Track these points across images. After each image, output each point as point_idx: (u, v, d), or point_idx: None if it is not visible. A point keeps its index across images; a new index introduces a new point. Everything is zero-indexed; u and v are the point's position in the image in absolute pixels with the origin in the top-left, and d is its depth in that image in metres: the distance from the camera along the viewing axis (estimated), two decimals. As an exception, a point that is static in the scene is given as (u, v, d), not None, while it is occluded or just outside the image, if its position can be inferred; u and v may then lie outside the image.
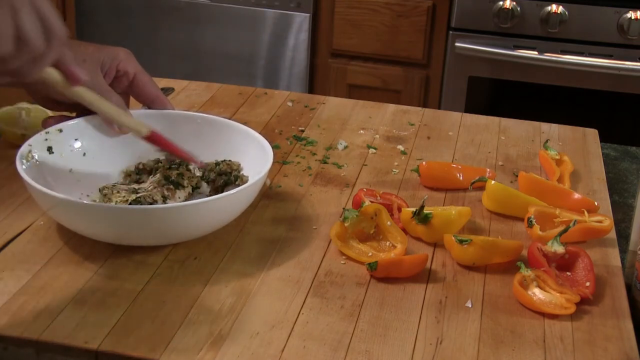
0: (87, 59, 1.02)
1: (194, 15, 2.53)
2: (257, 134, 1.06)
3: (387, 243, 0.99)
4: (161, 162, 1.07)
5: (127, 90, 1.08)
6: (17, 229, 0.98)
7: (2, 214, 1.00)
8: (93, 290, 0.88)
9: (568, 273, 0.95)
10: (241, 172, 1.05)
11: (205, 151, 1.08)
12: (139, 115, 1.07)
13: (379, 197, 1.07)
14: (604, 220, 1.03)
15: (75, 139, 1.05)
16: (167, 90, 1.40)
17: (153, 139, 1.03)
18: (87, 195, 1.02)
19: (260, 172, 0.98)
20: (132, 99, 1.12)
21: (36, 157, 1.00)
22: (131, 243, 0.94)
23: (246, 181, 1.03)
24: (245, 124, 1.09)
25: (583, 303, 0.90)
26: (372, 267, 0.92)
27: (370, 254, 0.97)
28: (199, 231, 0.96)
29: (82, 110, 1.06)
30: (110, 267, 0.92)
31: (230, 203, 0.95)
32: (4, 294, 0.87)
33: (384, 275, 0.93)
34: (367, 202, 1.04)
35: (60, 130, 1.04)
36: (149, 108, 1.10)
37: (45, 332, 0.82)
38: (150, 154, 1.08)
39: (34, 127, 1.10)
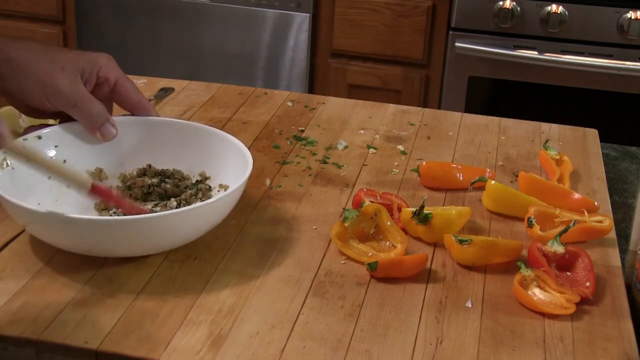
0: (66, 67, 1.00)
1: (194, 15, 2.53)
2: (237, 141, 1.04)
3: (387, 243, 0.99)
4: (146, 174, 1.07)
5: (109, 97, 1.06)
6: (17, 229, 0.98)
7: (2, 214, 1.00)
8: (93, 290, 0.88)
9: (568, 273, 0.95)
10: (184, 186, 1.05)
11: (186, 158, 1.07)
12: (120, 121, 1.06)
13: (379, 197, 1.07)
14: (604, 220, 1.03)
15: (55, 146, 1.03)
16: (167, 90, 1.40)
17: (95, 192, 0.97)
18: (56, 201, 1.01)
19: (240, 180, 0.96)
20: (115, 106, 1.11)
21: (11, 165, 0.97)
22: (100, 254, 0.92)
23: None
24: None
25: (583, 303, 0.90)
26: (372, 267, 0.92)
27: (370, 254, 0.97)
28: (174, 241, 0.94)
29: (65, 118, 1.05)
30: (110, 267, 0.92)
31: (207, 212, 0.93)
32: (4, 294, 0.87)
33: (384, 275, 0.93)
34: (367, 202, 1.04)
35: (39, 137, 1.02)
36: (132, 114, 1.08)
37: (45, 332, 0.82)
38: (132, 161, 1.07)
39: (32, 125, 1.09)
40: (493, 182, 1.08)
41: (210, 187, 1.05)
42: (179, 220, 0.90)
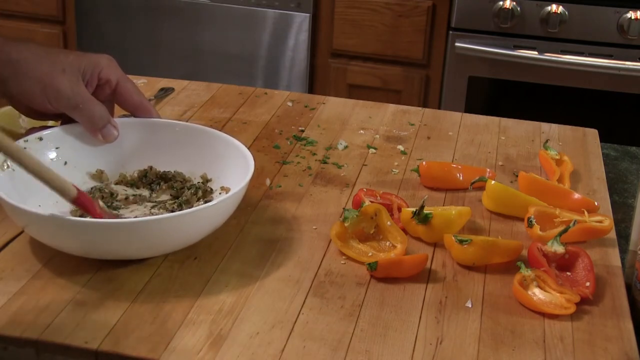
0: (67, 68, 1.00)
1: (194, 15, 2.53)
2: (239, 144, 1.04)
3: (387, 243, 0.99)
4: (147, 176, 1.07)
5: (110, 98, 1.06)
6: (17, 228, 0.98)
7: (2, 214, 0.99)
8: (93, 290, 0.88)
9: (568, 273, 0.96)
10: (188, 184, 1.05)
11: (187, 160, 1.07)
12: (122, 123, 1.06)
13: (379, 197, 1.07)
14: (604, 220, 1.03)
15: (56, 147, 1.03)
16: (167, 90, 1.40)
17: (79, 202, 0.93)
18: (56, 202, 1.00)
19: (241, 182, 0.95)
20: (117, 107, 1.10)
21: (12, 167, 0.96)
22: (100, 257, 0.92)
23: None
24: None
25: (583, 303, 0.90)
26: (372, 267, 0.92)
27: (370, 254, 0.97)
28: (174, 244, 0.93)
29: (66, 120, 1.05)
30: (110, 267, 0.92)
31: (210, 214, 0.93)
32: (4, 294, 0.87)
33: (384, 275, 0.93)
34: (367, 202, 1.04)
35: (40, 139, 1.02)
36: (133, 115, 1.08)
37: (45, 332, 0.82)
38: (133, 163, 1.07)
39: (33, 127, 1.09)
40: (493, 182, 1.08)
41: (211, 189, 1.05)
42: (179, 223, 0.90)
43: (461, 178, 1.14)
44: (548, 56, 2.30)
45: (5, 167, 0.97)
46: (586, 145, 1.30)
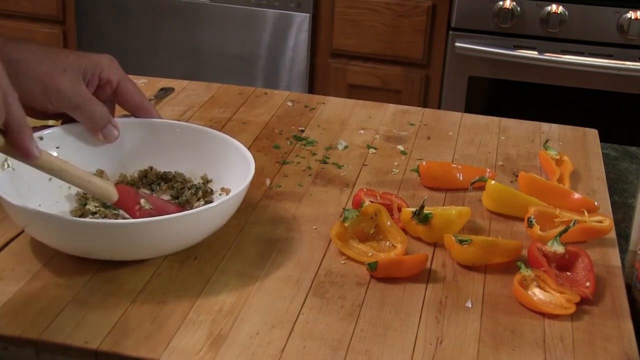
0: (67, 69, 1.00)
1: (194, 15, 2.53)
2: (240, 144, 1.03)
3: (387, 243, 0.99)
4: (147, 176, 1.07)
5: (111, 99, 1.06)
6: (17, 228, 0.98)
7: (2, 214, 1.00)
8: (93, 290, 0.88)
9: (568, 273, 0.96)
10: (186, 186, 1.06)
11: (188, 160, 1.07)
12: (122, 123, 1.05)
13: (379, 197, 1.07)
14: (604, 220, 1.03)
15: (57, 147, 1.03)
16: (167, 90, 1.40)
17: (121, 205, 0.96)
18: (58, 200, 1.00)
19: (242, 183, 0.95)
20: (117, 107, 1.10)
21: (12, 166, 0.96)
22: (100, 257, 0.92)
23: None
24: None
25: (583, 303, 0.90)
26: (372, 267, 0.92)
27: (370, 254, 0.97)
28: (175, 245, 0.93)
29: (67, 119, 1.05)
30: (110, 267, 0.92)
31: (211, 215, 0.93)
32: (4, 294, 0.87)
33: (384, 275, 0.93)
34: (367, 202, 1.04)
35: (41, 138, 1.01)
36: (134, 116, 1.08)
37: (45, 332, 0.82)
38: (133, 163, 1.07)
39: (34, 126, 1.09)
40: (493, 182, 1.08)
41: (211, 190, 1.05)
42: (180, 224, 0.90)
43: (461, 178, 1.14)
44: (548, 56, 2.30)
45: (6, 167, 0.97)
46: (586, 145, 1.30)
